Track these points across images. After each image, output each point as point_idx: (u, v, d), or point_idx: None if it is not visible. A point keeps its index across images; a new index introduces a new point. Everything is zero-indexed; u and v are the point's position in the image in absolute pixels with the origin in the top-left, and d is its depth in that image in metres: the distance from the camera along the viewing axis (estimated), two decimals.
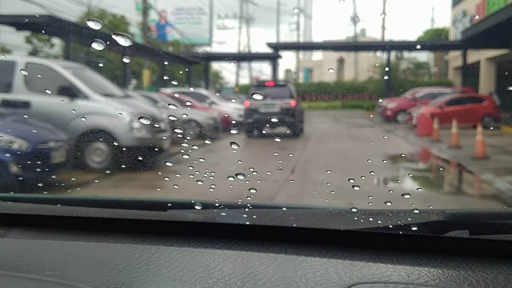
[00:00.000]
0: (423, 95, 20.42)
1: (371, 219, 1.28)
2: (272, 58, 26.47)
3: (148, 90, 20.34)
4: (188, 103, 13.45)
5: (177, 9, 40.87)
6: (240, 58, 29.94)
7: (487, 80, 26.56)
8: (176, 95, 14.45)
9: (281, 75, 48.14)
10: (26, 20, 12.57)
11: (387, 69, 30.05)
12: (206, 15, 40.91)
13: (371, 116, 23.58)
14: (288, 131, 12.71)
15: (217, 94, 23.02)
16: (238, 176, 1.87)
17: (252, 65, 46.84)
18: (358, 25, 44.27)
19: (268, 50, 26.81)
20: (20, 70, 7.10)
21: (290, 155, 8.30)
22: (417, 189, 6.34)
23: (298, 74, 49.53)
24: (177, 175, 2.58)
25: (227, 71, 74.30)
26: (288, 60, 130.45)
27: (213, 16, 43.15)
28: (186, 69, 22.05)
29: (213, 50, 39.77)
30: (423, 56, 39.01)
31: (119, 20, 27.80)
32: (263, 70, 47.89)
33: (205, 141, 9.19)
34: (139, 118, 6.84)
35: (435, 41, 30.63)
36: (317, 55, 53.16)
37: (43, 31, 14.61)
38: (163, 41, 36.95)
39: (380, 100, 22.87)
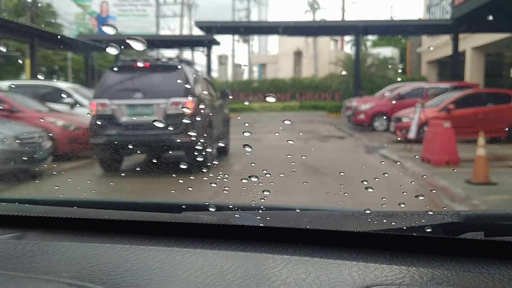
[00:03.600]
0: (410, 91, 14.46)
1: (384, 220, 1.29)
2: (206, 44, 19.27)
3: None
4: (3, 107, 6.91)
5: (120, 0, 36.83)
6: (158, 44, 21.02)
7: (474, 73, 22.32)
8: None
9: (229, 71, 42.00)
10: None
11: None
12: (152, 7, 37.43)
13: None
14: (185, 160, 6.20)
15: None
16: None
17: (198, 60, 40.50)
18: (318, 13, 38.80)
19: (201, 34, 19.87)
20: None
21: None
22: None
23: (251, 69, 43.48)
24: None
25: None
26: (241, 56, 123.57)
27: (159, 9, 38.84)
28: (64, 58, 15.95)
29: None
30: (387, 52, 35.06)
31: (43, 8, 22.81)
32: (213, 66, 40.84)
33: None
34: None
35: (420, 22, 25.15)
36: (272, 49, 47.93)
37: None
38: (105, 35, 32.63)
39: (348, 100, 17.00)
